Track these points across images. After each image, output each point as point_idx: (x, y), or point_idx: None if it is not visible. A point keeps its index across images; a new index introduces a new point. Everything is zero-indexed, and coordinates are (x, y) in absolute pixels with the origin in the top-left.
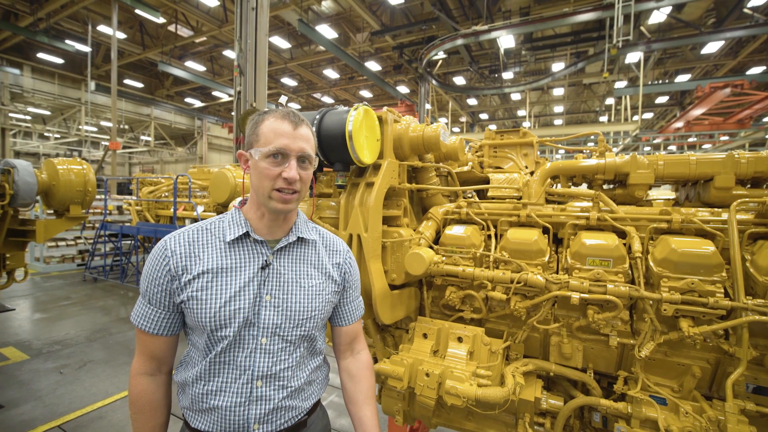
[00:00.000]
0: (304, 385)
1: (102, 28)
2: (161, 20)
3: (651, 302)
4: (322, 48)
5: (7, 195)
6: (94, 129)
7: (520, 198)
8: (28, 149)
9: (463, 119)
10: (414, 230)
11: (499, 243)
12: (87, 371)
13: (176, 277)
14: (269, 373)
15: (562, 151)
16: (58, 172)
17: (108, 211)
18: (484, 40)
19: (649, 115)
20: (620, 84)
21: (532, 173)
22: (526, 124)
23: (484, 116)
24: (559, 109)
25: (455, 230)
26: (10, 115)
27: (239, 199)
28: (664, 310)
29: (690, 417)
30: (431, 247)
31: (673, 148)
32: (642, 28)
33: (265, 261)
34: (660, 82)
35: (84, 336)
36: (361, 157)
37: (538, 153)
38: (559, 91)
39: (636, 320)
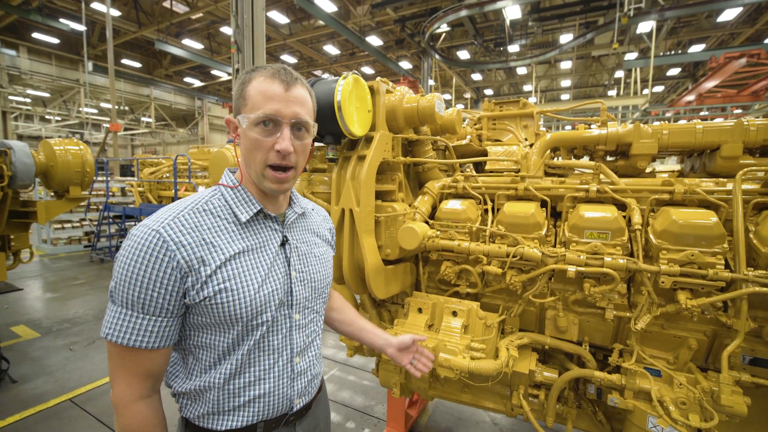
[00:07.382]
0: (320, 349)
1: (96, 6)
2: None
3: (649, 275)
4: (321, 23)
5: (6, 176)
6: (95, 111)
7: (518, 171)
8: (30, 132)
9: (468, 95)
10: (409, 205)
11: (496, 217)
12: (96, 348)
13: (190, 272)
14: (304, 346)
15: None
16: (55, 152)
17: (111, 193)
18: (489, 10)
19: (660, 89)
20: (630, 56)
21: (531, 146)
22: (532, 99)
23: (489, 92)
24: (566, 83)
25: (451, 204)
26: (10, 98)
27: (229, 173)
28: (662, 282)
29: (684, 388)
30: (426, 222)
31: (683, 122)
32: None
33: (284, 237)
34: (672, 53)
35: (92, 315)
36: (351, 128)
37: (544, 126)
38: (566, 65)
39: (633, 293)
